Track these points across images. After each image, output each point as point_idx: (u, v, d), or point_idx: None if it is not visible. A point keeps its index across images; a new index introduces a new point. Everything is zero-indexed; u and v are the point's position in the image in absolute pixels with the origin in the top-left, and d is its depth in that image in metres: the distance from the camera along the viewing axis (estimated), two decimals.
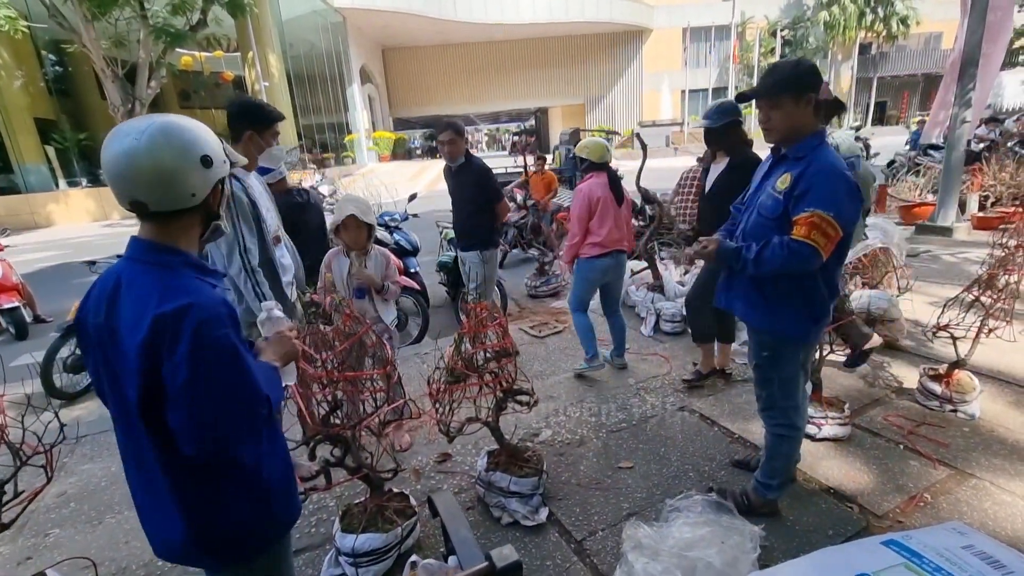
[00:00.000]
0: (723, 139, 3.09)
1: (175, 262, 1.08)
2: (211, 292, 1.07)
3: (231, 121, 2.42)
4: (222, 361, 1.02)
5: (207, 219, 1.16)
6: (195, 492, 1.10)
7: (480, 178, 3.69)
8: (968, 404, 2.79)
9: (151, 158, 1.01)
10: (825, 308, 1.92)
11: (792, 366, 2.01)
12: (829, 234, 1.71)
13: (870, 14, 29.26)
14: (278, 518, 1.23)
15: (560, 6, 28.71)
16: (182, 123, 1.08)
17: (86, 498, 2.65)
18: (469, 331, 2.19)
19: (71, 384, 3.96)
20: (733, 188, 2.90)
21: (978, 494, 2.23)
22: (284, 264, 2.52)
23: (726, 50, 31.21)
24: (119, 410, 1.11)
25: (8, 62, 15.26)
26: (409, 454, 2.80)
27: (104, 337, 1.06)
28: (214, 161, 1.10)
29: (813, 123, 1.82)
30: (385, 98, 31.96)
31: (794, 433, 2.09)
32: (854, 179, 1.80)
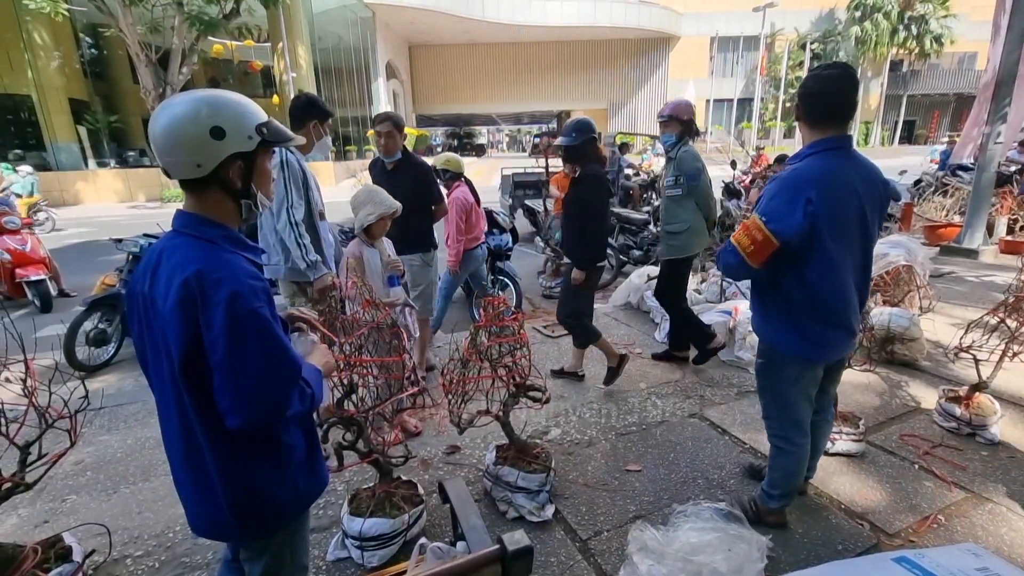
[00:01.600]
0: (582, 156, 3.23)
1: (211, 234, 1.10)
2: (245, 266, 1.09)
3: (297, 110, 2.74)
4: (260, 332, 1.04)
5: (232, 195, 1.14)
6: (236, 462, 1.13)
7: (421, 178, 3.39)
8: (988, 428, 2.73)
9: (165, 125, 1.04)
10: (805, 320, 1.87)
11: (783, 382, 2.00)
12: (755, 237, 1.76)
13: (903, 31, 28.76)
14: (303, 492, 1.25)
15: (589, 11, 28.71)
16: (201, 95, 1.08)
17: (102, 468, 2.72)
18: (486, 324, 2.20)
19: (93, 357, 4.05)
20: (583, 202, 3.23)
21: (995, 519, 2.18)
22: (326, 238, 2.82)
23: (753, 61, 30.90)
24: (160, 381, 1.13)
25: (48, 43, 15.69)
26: (418, 444, 2.82)
27: (147, 305, 1.09)
28: (227, 133, 1.07)
29: (806, 133, 1.88)
30: (409, 94, 32.20)
31: (791, 448, 2.05)
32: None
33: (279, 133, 1.17)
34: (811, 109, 1.84)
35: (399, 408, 2.14)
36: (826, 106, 1.82)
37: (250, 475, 1.15)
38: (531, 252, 7.60)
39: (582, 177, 3.23)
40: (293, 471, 1.21)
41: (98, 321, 4.08)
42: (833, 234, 1.76)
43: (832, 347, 1.95)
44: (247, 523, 1.19)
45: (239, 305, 1.01)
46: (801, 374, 1.98)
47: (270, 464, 1.17)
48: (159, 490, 2.49)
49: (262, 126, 1.13)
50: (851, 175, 1.79)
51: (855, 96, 1.80)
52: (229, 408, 1.02)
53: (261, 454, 1.16)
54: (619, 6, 29.01)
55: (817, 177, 1.75)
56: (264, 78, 20.01)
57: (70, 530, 2.07)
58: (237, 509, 1.15)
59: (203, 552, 2.07)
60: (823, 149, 1.81)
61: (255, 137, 1.11)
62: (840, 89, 1.79)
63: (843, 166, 1.79)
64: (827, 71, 1.83)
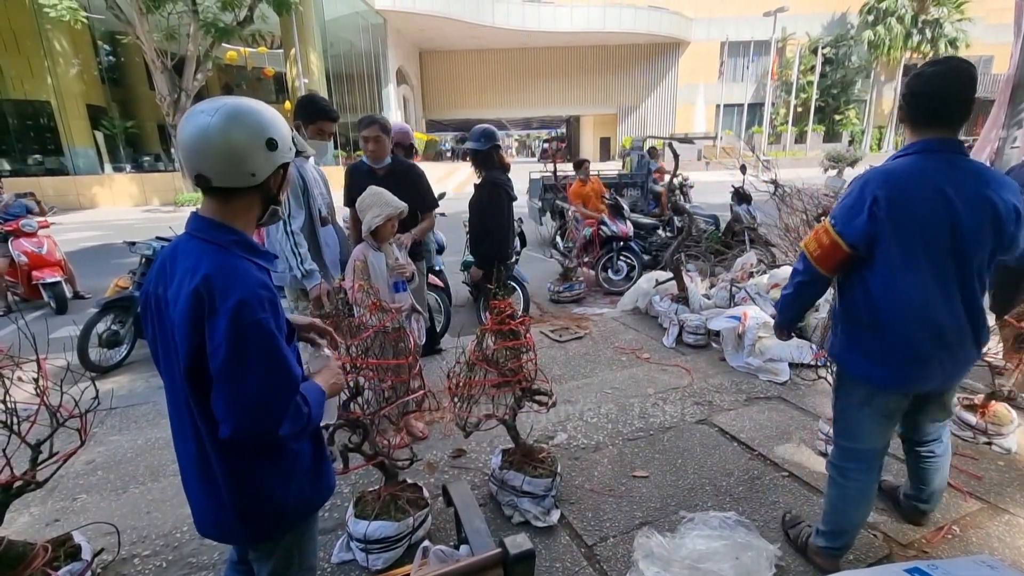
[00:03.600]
0: (487, 161, 3.44)
1: (227, 240, 1.11)
2: (255, 274, 1.09)
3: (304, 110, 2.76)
4: (261, 344, 1.04)
5: (266, 202, 1.19)
6: (241, 467, 1.13)
7: (414, 182, 3.20)
8: (1004, 437, 2.67)
9: (221, 134, 1.05)
10: (866, 338, 1.69)
11: (846, 400, 1.82)
12: (822, 240, 1.68)
13: (917, 35, 28.44)
14: (309, 497, 1.26)
15: (598, 16, 28.76)
16: (254, 106, 1.12)
17: (113, 468, 2.74)
18: (492, 328, 2.20)
19: (105, 358, 4.11)
20: (483, 206, 3.41)
21: (1011, 530, 2.13)
22: (328, 242, 2.83)
23: (764, 66, 30.72)
24: (170, 383, 1.14)
25: (67, 50, 16.02)
26: (424, 448, 2.81)
27: (160, 307, 1.10)
28: (279, 145, 1.13)
29: (907, 131, 1.71)
30: (419, 100, 32.42)
31: (842, 481, 1.84)
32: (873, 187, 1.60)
33: (302, 145, 1.24)
34: (912, 111, 1.66)
35: (405, 411, 2.14)
36: (928, 107, 1.63)
37: (256, 480, 1.15)
38: (540, 257, 7.60)
39: (484, 182, 3.45)
40: (299, 476, 1.22)
41: (111, 323, 4.13)
42: (902, 241, 1.56)
43: (902, 375, 1.69)
44: (253, 527, 1.19)
45: (244, 315, 1.02)
46: (869, 399, 1.76)
47: (276, 470, 1.18)
48: (167, 490, 2.51)
49: (293, 138, 1.19)
50: (944, 180, 1.55)
51: (966, 95, 1.58)
52: (222, 417, 1.03)
53: (267, 460, 1.16)
54: (628, 11, 29.02)
55: (890, 176, 1.59)
56: (276, 84, 20.26)
57: (79, 529, 2.10)
58: (243, 513, 1.16)
59: (210, 552, 2.08)
60: (917, 151, 1.63)
61: (293, 148, 1.18)
62: (944, 88, 1.59)
63: (935, 169, 1.58)
64: (931, 68, 1.63)
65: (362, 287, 2.03)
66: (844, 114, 31.67)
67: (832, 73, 31.06)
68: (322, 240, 2.74)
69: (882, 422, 1.79)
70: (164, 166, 19.20)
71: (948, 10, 28.06)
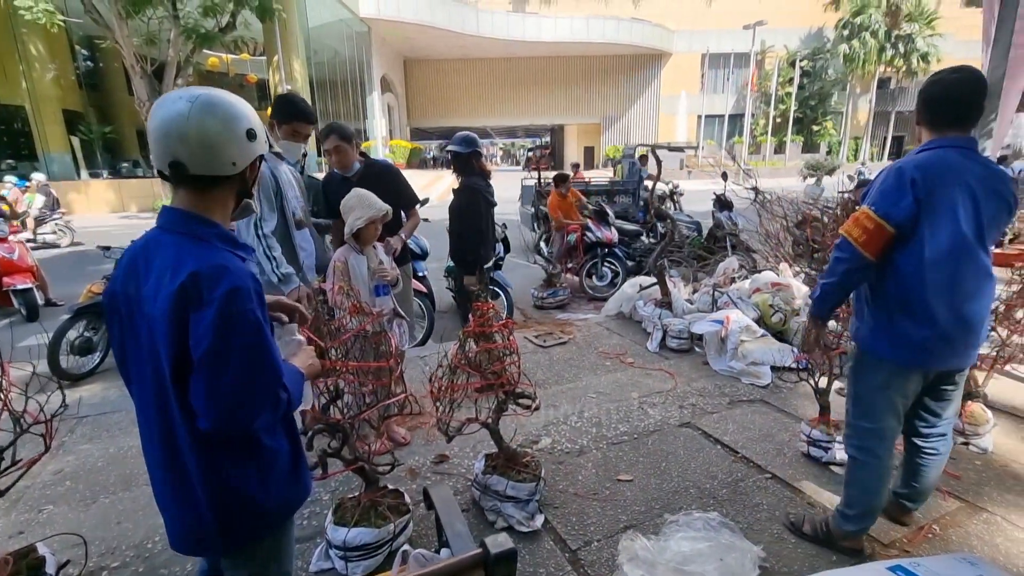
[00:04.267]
0: (467, 166, 3.48)
1: (208, 233, 1.08)
2: (242, 266, 1.08)
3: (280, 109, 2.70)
4: (247, 334, 1.02)
5: (240, 194, 1.18)
6: (218, 466, 1.09)
7: (392, 182, 3.09)
8: (981, 437, 2.72)
9: (200, 120, 1.04)
10: (897, 320, 1.77)
11: (866, 384, 1.89)
12: (866, 226, 1.71)
13: (890, 49, 29.31)
14: (288, 498, 1.22)
15: (582, 27, 29.12)
16: (230, 96, 1.11)
17: (82, 477, 2.65)
18: (474, 330, 2.18)
19: (77, 366, 3.98)
20: (462, 210, 3.46)
21: (990, 528, 2.16)
22: (303, 247, 2.71)
23: (744, 77, 31.35)
24: (142, 386, 1.10)
25: (43, 55, 15.71)
26: (406, 453, 2.77)
27: (131, 306, 1.06)
28: (257, 136, 1.13)
29: (923, 133, 1.84)
30: (404, 108, 32.40)
31: (868, 459, 1.90)
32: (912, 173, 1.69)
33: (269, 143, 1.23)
34: (934, 114, 1.78)
35: (386, 415, 2.10)
36: (950, 111, 1.75)
37: (234, 480, 1.11)
38: (524, 263, 7.60)
39: (463, 187, 3.48)
40: (278, 476, 1.18)
41: (83, 329, 4.02)
42: (933, 224, 1.68)
43: (927, 352, 1.78)
44: (231, 531, 1.14)
45: (235, 303, 0.99)
46: (890, 381, 1.84)
47: (255, 469, 1.13)
48: (139, 500, 2.42)
49: (266, 131, 1.20)
50: (966, 172, 1.69)
51: (980, 99, 1.71)
52: (202, 408, 1.00)
53: (246, 459, 1.12)
54: (611, 23, 29.45)
55: (923, 163, 1.70)
56: (259, 91, 20.06)
57: (44, 540, 2.01)
58: (221, 516, 1.12)
59: (182, 563, 2.01)
60: (939, 146, 1.75)
61: (265, 140, 1.19)
62: (964, 94, 1.73)
63: (959, 161, 1.71)
64: (952, 75, 1.75)
65: (342, 288, 1.99)
66: (822, 125, 32.43)
67: (810, 85, 31.83)
68: (297, 243, 2.64)
69: (901, 401, 1.88)
70: (143, 172, 18.83)
71: (920, 26, 29.01)
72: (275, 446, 1.17)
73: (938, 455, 2.01)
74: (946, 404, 1.95)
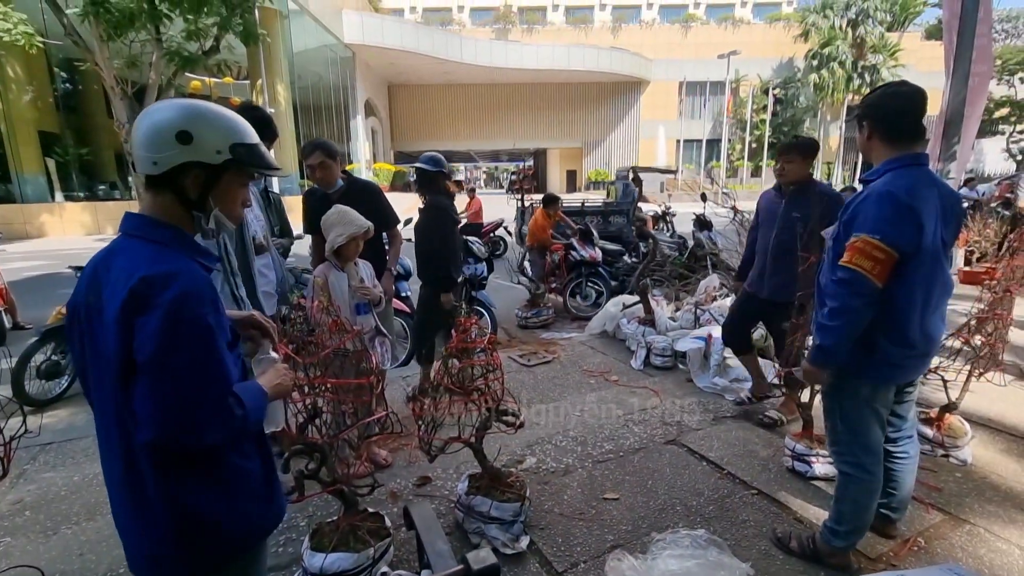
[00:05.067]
0: (431, 184, 3.52)
1: (163, 236, 1.06)
2: (199, 272, 1.05)
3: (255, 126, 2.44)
4: (194, 341, 0.98)
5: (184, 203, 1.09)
6: (179, 484, 1.04)
7: (373, 200, 3.06)
8: (960, 449, 2.75)
9: (145, 118, 1.05)
10: (882, 342, 1.77)
11: (852, 401, 1.89)
12: (876, 257, 1.64)
13: (857, 78, 30.59)
14: (257, 522, 1.16)
15: (563, 55, 29.88)
16: (198, 104, 1.09)
17: (43, 507, 2.51)
18: (456, 347, 2.15)
19: (42, 391, 3.82)
20: (431, 228, 3.48)
21: (973, 540, 2.16)
22: (264, 273, 2.54)
23: (720, 104, 32.37)
24: (102, 400, 1.05)
25: (20, 76, 15.50)
26: (388, 476, 2.69)
27: (91, 315, 1.02)
28: (194, 141, 1.05)
29: (882, 149, 1.80)
30: (388, 131, 32.63)
31: (863, 475, 1.91)
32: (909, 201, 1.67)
33: (253, 159, 1.13)
34: (892, 127, 1.78)
35: (367, 435, 2.05)
36: (913, 125, 1.77)
37: (197, 501, 1.06)
38: (507, 284, 7.59)
39: (428, 206, 3.53)
40: (246, 499, 1.12)
41: (51, 352, 3.87)
42: (920, 250, 1.68)
43: (908, 369, 1.86)
44: (193, 556, 1.08)
45: (184, 308, 0.96)
46: (874, 395, 1.87)
47: (220, 489, 1.08)
48: (104, 530, 2.30)
49: (239, 146, 1.10)
50: (936, 191, 1.72)
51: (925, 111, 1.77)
52: (143, 417, 0.95)
53: (209, 478, 1.07)
54: (591, 51, 30.29)
55: (911, 188, 1.69)
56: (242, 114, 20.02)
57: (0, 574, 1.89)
58: (182, 540, 1.06)
59: None
60: (903, 165, 1.75)
61: (224, 154, 1.09)
62: (921, 107, 1.76)
63: (926, 182, 1.73)
64: (905, 88, 1.78)
65: (321, 304, 1.95)
66: None
67: (783, 112, 32.95)
68: (256, 270, 2.42)
69: (882, 413, 1.91)
70: (120, 195, 18.51)
71: (884, 57, 30.41)
72: (243, 466, 1.12)
73: (909, 457, 2.06)
74: (908, 406, 2.03)
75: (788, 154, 2.99)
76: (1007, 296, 2.80)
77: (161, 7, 11.64)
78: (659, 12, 37.04)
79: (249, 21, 13.05)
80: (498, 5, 34.70)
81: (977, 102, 7.04)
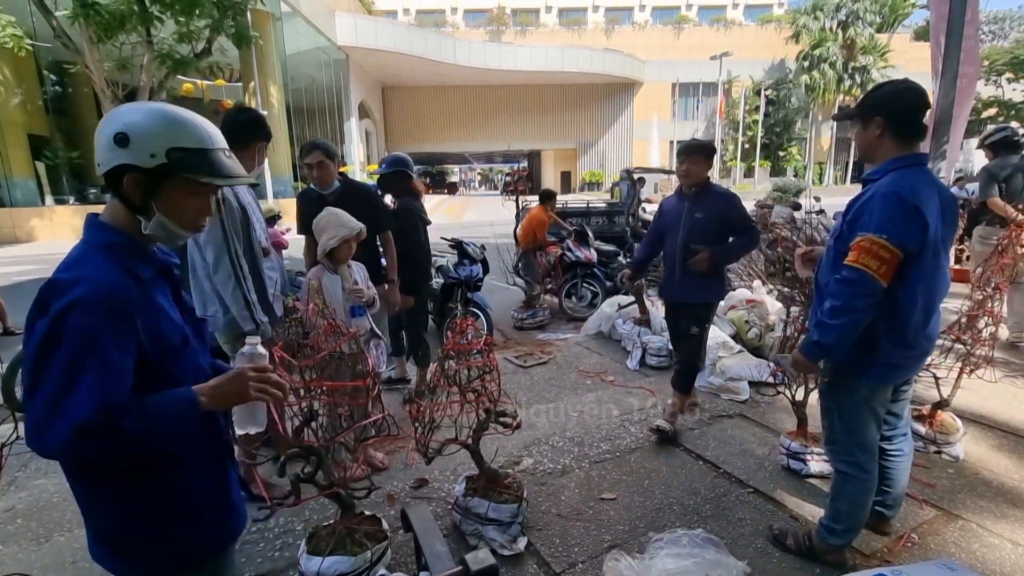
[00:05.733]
0: (392, 185, 3.61)
1: (101, 239, 1.03)
2: (111, 279, 0.97)
3: (246, 128, 2.35)
4: (70, 348, 0.91)
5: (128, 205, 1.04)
6: (97, 498, 1.04)
7: (368, 203, 3.08)
8: (952, 446, 2.77)
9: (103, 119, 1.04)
10: (883, 343, 1.77)
11: (851, 400, 1.89)
12: (883, 256, 1.63)
13: (848, 79, 30.87)
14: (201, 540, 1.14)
15: (556, 56, 29.95)
16: (150, 106, 1.04)
17: (35, 514, 2.48)
18: (453, 347, 2.15)
19: None
20: (402, 231, 3.46)
21: (966, 535, 2.18)
22: (272, 277, 2.52)
23: (713, 105, 32.58)
24: None
25: (9, 79, 15.36)
26: (384, 478, 2.68)
27: None
28: (131, 143, 0.99)
29: (890, 147, 1.77)
30: (382, 133, 32.59)
31: (860, 474, 1.91)
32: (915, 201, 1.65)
33: (191, 165, 1.03)
34: (907, 123, 1.75)
35: (363, 437, 2.04)
36: (920, 122, 1.76)
37: (121, 515, 1.04)
38: (503, 285, 7.58)
39: (398, 208, 3.60)
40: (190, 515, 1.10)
41: None
42: (924, 250, 1.68)
43: (907, 368, 1.87)
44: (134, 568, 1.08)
45: (70, 315, 0.91)
46: (872, 394, 1.87)
47: (149, 504, 1.05)
48: None
49: (177, 151, 1.01)
50: (934, 192, 1.71)
51: None
52: (27, 430, 0.92)
53: (138, 493, 1.04)
54: (585, 53, 30.39)
55: (916, 188, 1.68)
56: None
57: None
58: (115, 551, 1.07)
59: None
60: (906, 165, 1.74)
61: (159, 158, 1.00)
62: (927, 103, 1.77)
63: (928, 182, 1.72)
64: (912, 84, 1.76)
65: (316, 306, 1.94)
66: (787, 150, 33.74)
67: (775, 113, 33.19)
68: (265, 275, 2.41)
69: (880, 412, 1.91)
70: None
71: (874, 58, 30.70)
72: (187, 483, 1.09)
73: (904, 455, 2.08)
74: (903, 404, 2.06)
75: (693, 155, 2.93)
76: (997, 293, 2.83)
77: (152, 9, 11.56)
78: (651, 14, 37.30)
79: (241, 23, 13.02)
80: (491, 7, 34.78)
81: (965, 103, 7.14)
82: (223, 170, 1.08)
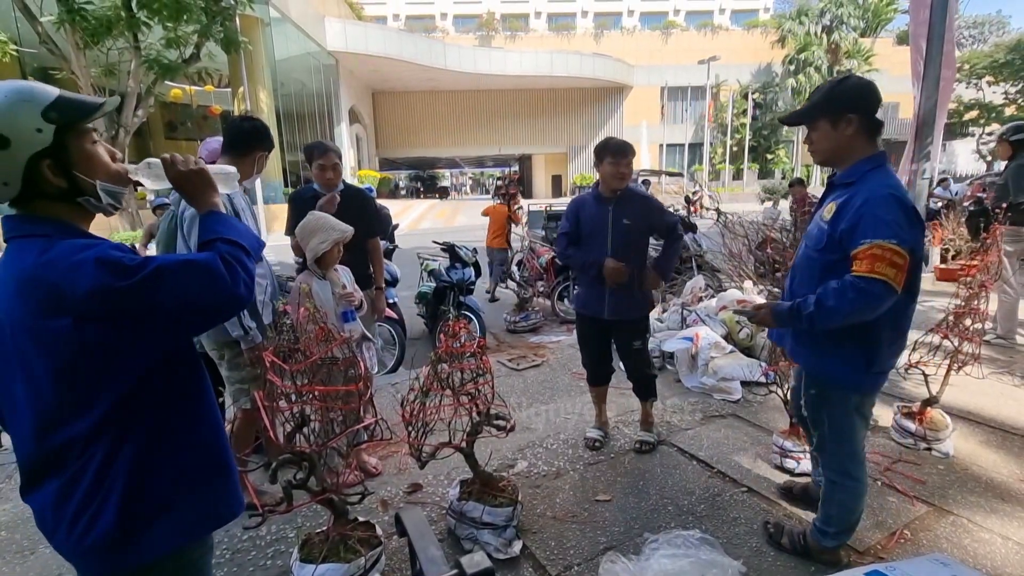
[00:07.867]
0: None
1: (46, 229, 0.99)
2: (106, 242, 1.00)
3: (248, 136, 2.37)
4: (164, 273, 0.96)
5: (66, 198, 1.02)
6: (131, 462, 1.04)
7: (364, 207, 3.10)
8: (942, 442, 2.80)
9: None
10: (883, 354, 1.74)
11: (841, 410, 1.86)
12: (897, 263, 1.55)
13: None
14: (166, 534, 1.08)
15: (546, 61, 30.12)
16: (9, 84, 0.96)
17: (19, 526, 2.43)
18: (445, 350, 2.14)
19: None
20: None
21: (957, 531, 2.20)
22: (261, 283, 2.47)
23: (701, 109, 32.88)
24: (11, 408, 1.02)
25: None
26: (378, 484, 2.66)
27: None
28: (10, 140, 0.93)
29: (862, 146, 1.72)
30: (372, 138, 32.53)
31: (848, 482, 1.90)
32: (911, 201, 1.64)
33: (76, 108, 0.98)
34: (877, 121, 1.71)
35: (356, 442, 2.02)
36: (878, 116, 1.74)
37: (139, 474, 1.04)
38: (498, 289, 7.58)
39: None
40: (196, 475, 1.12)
41: None
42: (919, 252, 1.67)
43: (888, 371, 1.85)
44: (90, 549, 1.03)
45: (108, 249, 0.95)
46: (862, 402, 1.86)
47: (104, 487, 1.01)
48: None
49: (49, 110, 0.94)
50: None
51: None
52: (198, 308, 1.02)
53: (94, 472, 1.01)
54: (574, 57, 30.58)
55: (903, 189, 1.66)
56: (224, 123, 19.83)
57: None
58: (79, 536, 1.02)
59: None
60: (881, 165, 1.70)
61: (46, 128, 0.94)
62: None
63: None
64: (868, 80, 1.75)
65: (307, 310, 1.93)
66: (775, 153, 34.13)
67: (762, 116, 33.56)
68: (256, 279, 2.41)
69: (868, 417, 1.93)
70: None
71: (858, 62, 31.19)
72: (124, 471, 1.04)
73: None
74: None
75: (630, 155, 2.76)
76: (982, 291, 2.87)
77: (139, 15, 11.48)
78: (640, 19, 37.71)
79: (230, 29, 12.95)
80: (481, 13, 34.93)
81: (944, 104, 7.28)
82: (87, 102, 1.02)
